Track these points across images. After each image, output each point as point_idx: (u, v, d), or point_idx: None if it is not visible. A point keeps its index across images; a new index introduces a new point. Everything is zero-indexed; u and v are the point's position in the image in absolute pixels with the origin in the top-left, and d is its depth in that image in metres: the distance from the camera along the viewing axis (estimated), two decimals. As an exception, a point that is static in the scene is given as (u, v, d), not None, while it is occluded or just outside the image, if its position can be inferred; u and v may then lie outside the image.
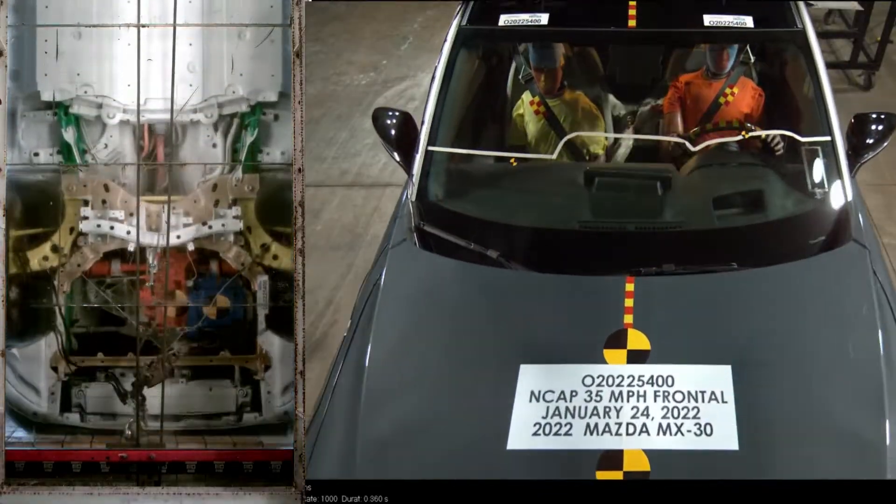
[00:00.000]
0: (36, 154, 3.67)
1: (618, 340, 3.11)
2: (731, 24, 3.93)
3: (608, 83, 4.47)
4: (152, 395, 3.65)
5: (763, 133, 3.90)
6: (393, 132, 3.98)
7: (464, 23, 4.10)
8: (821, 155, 3.73)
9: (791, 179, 3.77)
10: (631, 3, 4.02)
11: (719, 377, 2.99)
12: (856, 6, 6.96)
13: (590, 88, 4.39)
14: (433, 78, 4.03)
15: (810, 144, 3.75)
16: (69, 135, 3.63)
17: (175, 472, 3.49)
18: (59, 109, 3.62)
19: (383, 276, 3.43)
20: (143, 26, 3.57)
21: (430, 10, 9.01)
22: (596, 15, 4.12)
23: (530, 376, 3.02)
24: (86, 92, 3.62)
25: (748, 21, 3.94)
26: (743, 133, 3.90)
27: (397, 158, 3.96)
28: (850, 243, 3.48)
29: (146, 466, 3.47)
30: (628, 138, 4.27)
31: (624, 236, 3.57)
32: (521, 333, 3.21)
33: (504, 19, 4.03)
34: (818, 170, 3.71)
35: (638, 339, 3.11)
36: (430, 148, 3.83)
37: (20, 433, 3.58)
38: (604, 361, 3.05)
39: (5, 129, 3.41)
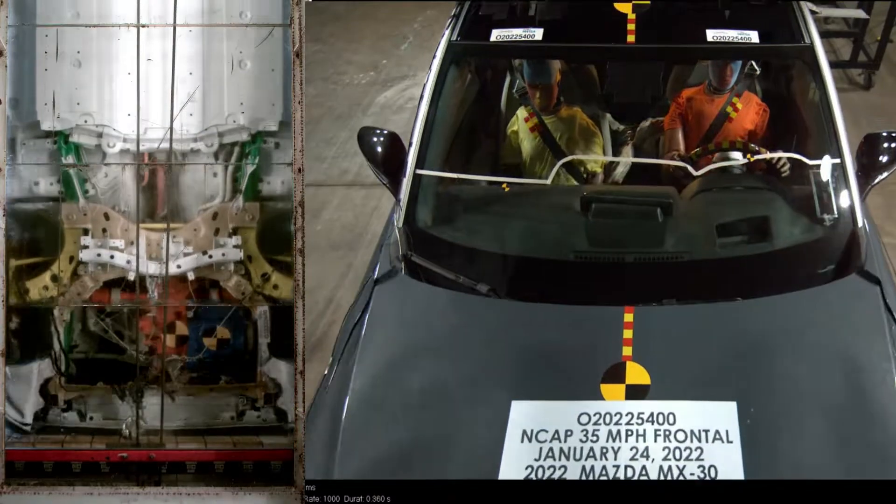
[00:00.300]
0: (36, 183, 3.66)
1: (616, 375, 2.96)
2: (735, 40, 3.75)
3: (606, 102, 4.24)
4: (152, 403, 3.67)
5: (769, 156, 3.72)
6: (379, 153, 3.81)
7: (454, 38, 3.92)
8: (830, 178, 3.55)
9: (798, 204, 3.59)
10: (630, 17, 3.83)
11: (724, 414, 2.83)
12: (861, 14, 6.92)
13: (586, 107, 4.20)
14: (421, 96, 3.85)
15: (819, 167, 3.57)
16: (69, 161, 3.63)
17: (175, 472, 3.49)
18: (59, 138, 3.61)
19: (370, 309, 3.28)
20: (143, 26, 3.57)
21: (430, 10, 9.00)
22: (593, 30, 3.93)
23: (522, 414, 2.86)
24: (86, 121, 3.61)
25: (753, 36, 3.76)
26: (748, 156, 3.72)
27: (385, 181, 3.79)
28: (861, 273, 3.32)
29: (146, 466, 3.47)
30: (627, 161, 4.07)
31: (622, 268, 3.39)
32: (513, 367, 3.05)
33: (496, 34, 3.84)
34: (827, 194, 3.53)
35: (637, 373, 2.96)
36: (419, 171, 3.67)
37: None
38: (601, 397, 2.90)
39: (5, 128, 3.41)
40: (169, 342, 3.71)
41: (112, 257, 3.62)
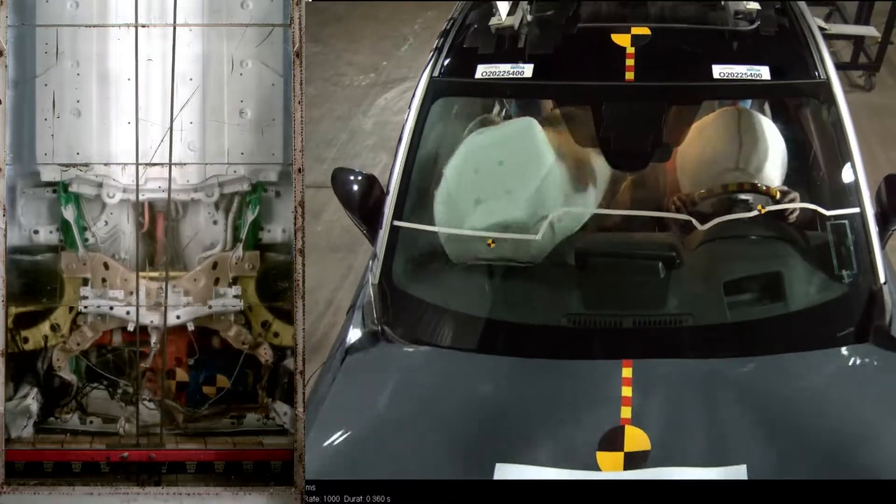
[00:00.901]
0: (36, 231, 3.65)
1: (613, 441, 2.67)
2: (744, 76, 3.40)
3: (601, 149, 3.55)
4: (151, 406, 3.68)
5: (781, 208, 3.32)
6: (355, 198, 3.53)
7: (436, 74, 3.59)
8: (848, 229, 3.22)
9: (813, 258, 3.26)
10: (629, 51, 3.49)
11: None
12: (873, 32, 6.90)
13: (580, 150, 3.64)
14: (400, 138, 3.52)
15: (836, 218, 3.25)
16: (69, 213, 3.62)
17: (175, 472, 3.48)
18: (59, 187, 3.61)
19: (337, 383, 3.01)
20: (143, 26, 3.56)
21: (430, 11, 9.00)
22: (588, 66, 3.57)
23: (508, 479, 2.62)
24: (85, 171, 3.61)
25: (764, 72, 3.40)
26: (759, 208, 3.27)
27: (363, 230, 3.51)
28: (881, 337, 3.01)
29: (146, 466, 3.46)
30: (623, 214, 3.53)
31: (620, 333, 3.06)
32: (498, 426, 2.76)
33: (482, 70, 3.50)
34: (846, 248, 3.21)
35: (636, 439, 2.68)
36: (397, 223, 3.37)
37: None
38: (597, 468, 2.63)
39: (5, 128, 3.41)
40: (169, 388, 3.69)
41: (111, 308, 3.60)
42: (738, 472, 2.57)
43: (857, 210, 3.24)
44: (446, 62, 3.62)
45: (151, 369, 3.66)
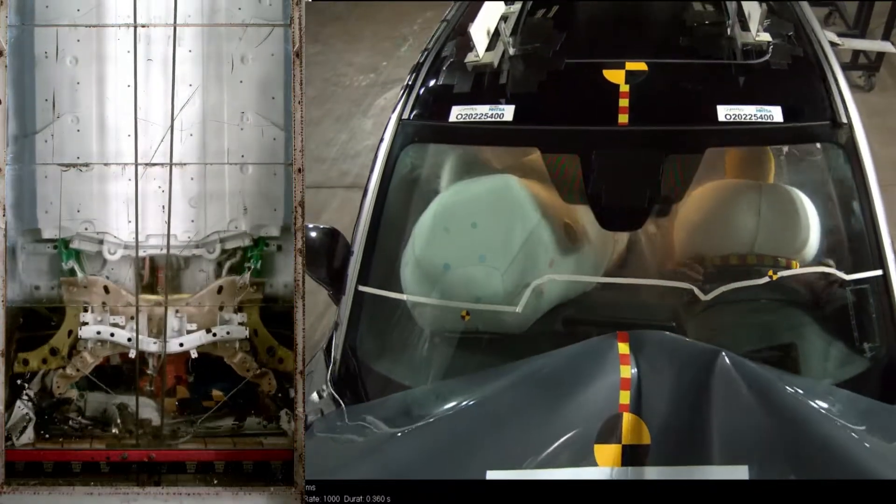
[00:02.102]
0: (37, 287, 3.65)
1: (611, 432, 2.46)
2: (753, 119, 2.99)
3: (591, 205, 3.03)
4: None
5: (798, 272, 2.95)
6: (319, 255, 3.23)
7: (405, 116, 3.23)
8: (870, 295, 2.89)
9: (831, 326, 2.91)
10: (622, 89, 3.08)
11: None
12: (890, 48, 6.90)
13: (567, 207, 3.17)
14: (365, 191, 3.19)
15: (857, 283, 2.90)
16: (69, 267, 3.61)
17: (175, 472, 3.48)
18: (60, 243, 3.60)
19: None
20: (143, 26, 3.56)
21: (429, 12, 9.00)
22: (576, 107, 3.15)
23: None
24: (86, 229, 3.60)
25: (776, 113, 3.00)
26: (770, 274, 2.88)
27: (329, 291, 3.23)
28: None
29: (146, 466, 3.46)
30: (617, 281, 3.12)
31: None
32: (487, 427, 2.53)
33: (457, 112, 3.11)
34: (867, 316, 2.87)
35: (636, 430, 2.46)
36: (362, 288, 3.08)
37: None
38: (594, 463, 2.44)
39: (5, 128, 3.40)
40: (170, 406, 3.68)
41: (112, 335, 3.58)
42: (740, 473, 2.42)
43: (879, 272, 2.90)
44: (418, 102, 3.26)
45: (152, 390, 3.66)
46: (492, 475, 2.44)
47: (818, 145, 3.15)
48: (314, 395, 3.02)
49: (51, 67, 3.54)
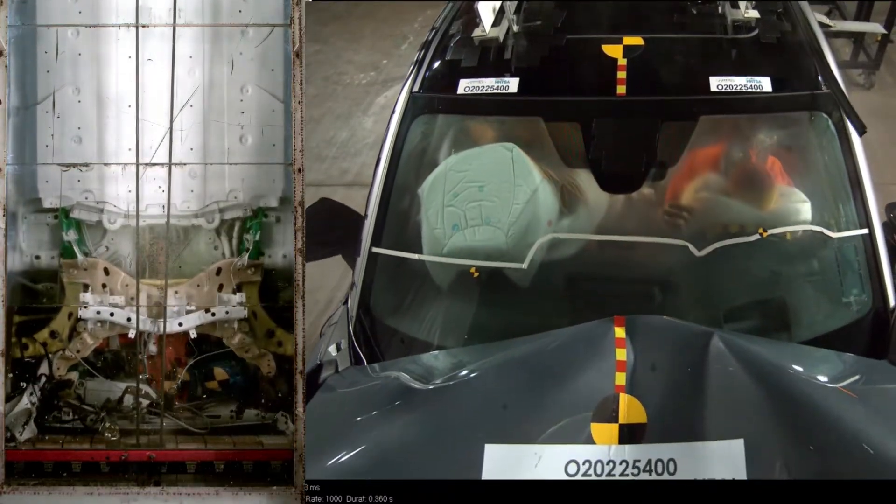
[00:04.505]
0: (37, 257, 3.66)
1: (608, 411, 2.51)
2: (744, 89, 3.18)
3: (591, 169, 3.24)
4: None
5: (785, 230, 3.08)
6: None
7: (415, 89, 3.40)
8: (854, 251, 3.07)
9: (818, 281, 3.09)
10: (620, 62, 3.29)
11: (730, 457, 2.44)
12: (878, 28, 6.90)
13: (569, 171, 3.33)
14: (378, 159, 3.36)
15: (843, 240, 3.07)
16: (70, 237, 3.62)
17: (175, 472, 3.48)
18: (61, 213, 3.61)
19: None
20: (143, 26, 3.56)
21: (430, 10, 9.00)
22: (577, 80, 3.34)
23: (497, 461, 2.48)
24: (87, 198, 3.61)
25: (765, 83, 3.19)
26: (760, 232, 3.04)
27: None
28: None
29: (146, 466, 3.46)
30: (618, 239, 3.24)
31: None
32: (486, 402, 2.60)
33: (464, 85, 3.31)
34: (852, 272, 3.05)
35: (632, 410, 2.52)
36: (375, 249, 3.23)
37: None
38: (591, 441, 2.48)
39: (5, 128, 3.41)
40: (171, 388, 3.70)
41: (112, 315, 3.59)
42: (735, 448, 2.46)
43: (865, 231, 3.07)
44: (427, 76, 3.44)
45: (151, 375, 3.67)
46: (490, 449, 2.48)
47: (807, 113, 3.29)
48: (332, 348, 3.14)
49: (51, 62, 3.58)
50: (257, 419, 3.66)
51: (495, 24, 3.47)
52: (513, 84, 3.28)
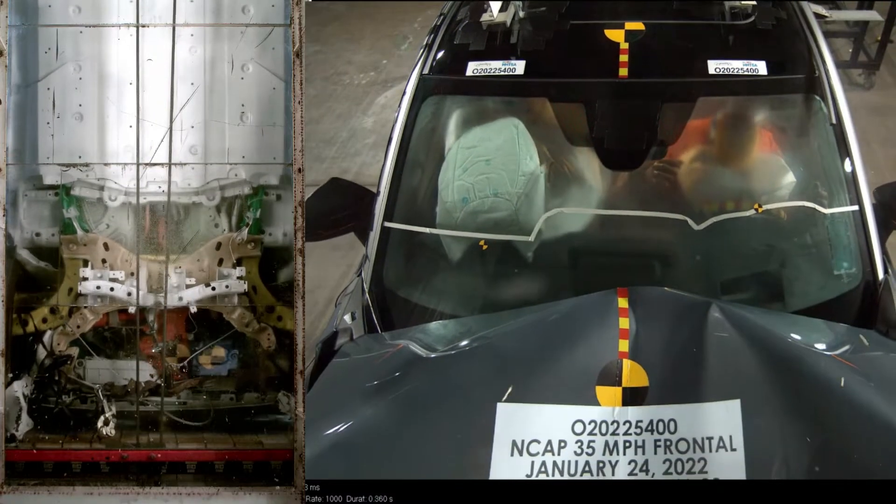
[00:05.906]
0: (38, 234, 3.66)
1: (611, 375, 2.63)
2: (741, 72, 3.35)
3: (594, 147, 3.43)
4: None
5: (779, 206, 3.23)
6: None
7: (426, 71, 3.56)
8: (845, 227, 3.21)
9: (811, 254, 3.24)
10: (622, 46, 3.44)
11: (727, 417, 2.53)
12: (876, 17, 6.92)
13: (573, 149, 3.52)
14: (390, 139, 3.51)
15: (834, 216, 3.22)
16: (71, 214, 3.63)
17: (175, 472, 3.49)
18: (61, 190, 3.61)
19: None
20: (144, 26, 3.57)
21: (430, 10, 8.99)
22: (581, 62, 3.49)
23: (510, 419, 2.58)
24: (87, 175, 3.61)
25: (760, 67, 3.35)
26: (755, 207, 3.18)
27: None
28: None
29: (146, 466, 3.46)
30: (620, 214, 3.41)
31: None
32: (496, 365, 2.71)
33: (473, 67, 3.46)
34: (843, 247, 3.19)
35: (635, 374, 2.64)
36: (387, 224, 3.38)
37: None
38: (596, 403, 2.60)
39: (5, 128, 3.41)
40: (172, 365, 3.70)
41: (112, 290, 3.59)
42: (732, 408, 2.56)
43: (855, 208, 3.21)
44: (436, 59, 3.59)
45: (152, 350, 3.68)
46: (502, 407, 2.59)
47: (800, 95, 3.45)
48: (347, 317, 3.26)
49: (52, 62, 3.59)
50: (258, 401, 3.66)
51: (502, 9, 3.62)
52: (519, 66, 3.43)
